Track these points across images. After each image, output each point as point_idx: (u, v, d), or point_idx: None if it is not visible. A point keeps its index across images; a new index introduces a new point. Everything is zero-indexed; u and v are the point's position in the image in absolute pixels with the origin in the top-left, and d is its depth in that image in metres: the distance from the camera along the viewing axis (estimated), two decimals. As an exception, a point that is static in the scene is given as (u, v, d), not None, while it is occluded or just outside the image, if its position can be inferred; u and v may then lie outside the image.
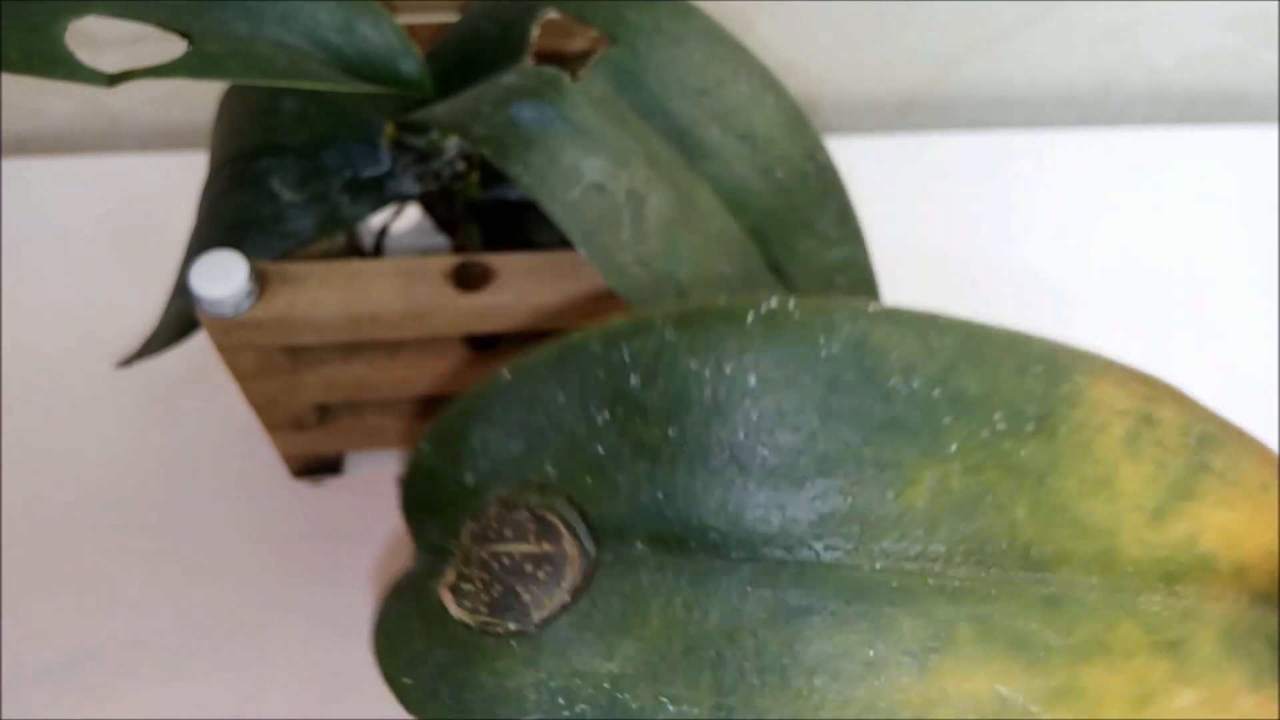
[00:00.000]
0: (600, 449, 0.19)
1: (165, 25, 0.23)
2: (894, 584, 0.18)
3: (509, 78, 0.26)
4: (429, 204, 0.32)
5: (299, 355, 0.29)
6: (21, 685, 0.34)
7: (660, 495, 0.19)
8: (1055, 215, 0.47)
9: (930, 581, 0.18)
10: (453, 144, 0.29)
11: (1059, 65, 0.51)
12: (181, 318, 0.30)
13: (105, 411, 0.40)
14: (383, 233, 0.34)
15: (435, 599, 0.20)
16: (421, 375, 0.30)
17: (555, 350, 0.20)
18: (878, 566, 0.18)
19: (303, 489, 0.38)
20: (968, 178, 0.48)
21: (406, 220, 0.34)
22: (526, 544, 0.19)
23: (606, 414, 0.19)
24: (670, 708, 0.18)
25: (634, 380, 0.19)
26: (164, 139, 0.50)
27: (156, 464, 0.39)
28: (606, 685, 0.18)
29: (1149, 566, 0.18)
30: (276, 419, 0.32)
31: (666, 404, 0.19)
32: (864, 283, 0.31)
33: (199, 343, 0.30)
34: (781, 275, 0.29)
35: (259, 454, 0.38)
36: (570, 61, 0.28)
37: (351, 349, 0.30)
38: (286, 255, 0.28)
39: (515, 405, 0.20)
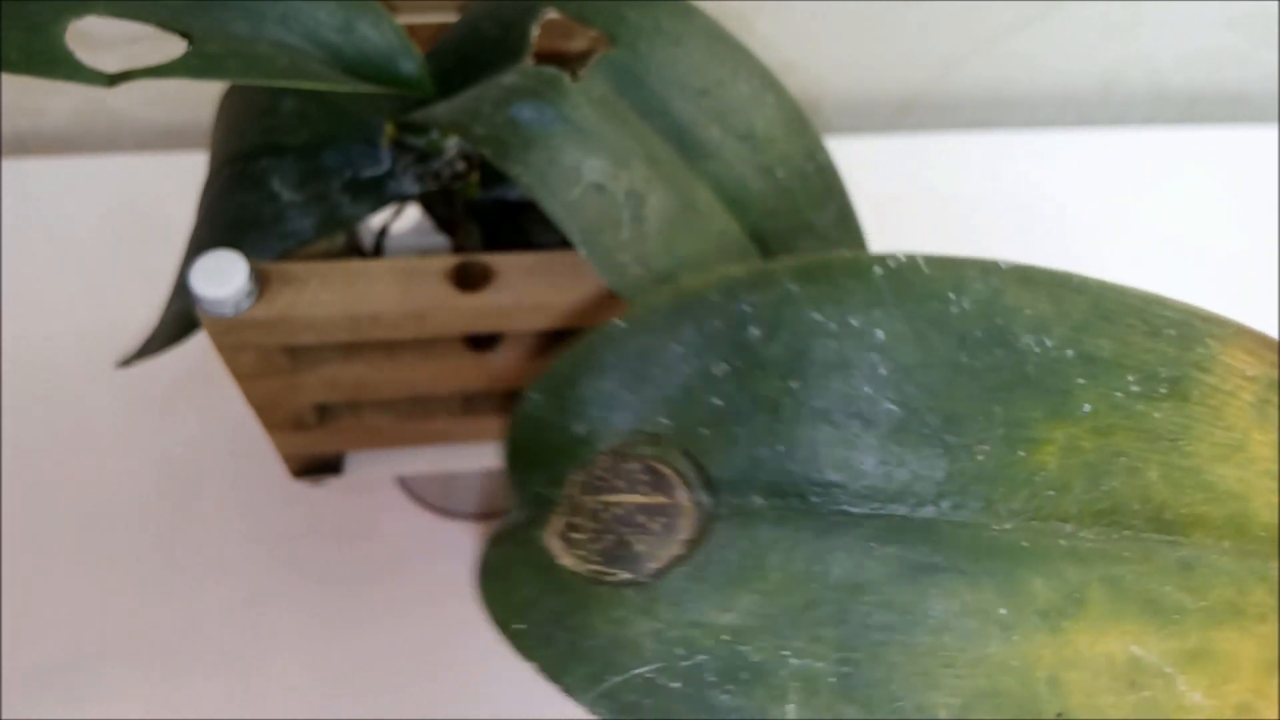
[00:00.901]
0: (717, 400, 0.19)
1: (165, 25, 0.23)
2: (1024, 544, 0.18)
3: (509, 78, 0.26)
4: (429, 204, 0.32)
5: (299, 355, 0.29)
6: (21, 685, 0.34)
7: (781, 448, 0.19)
8: (1055, 215, 0.47)
9: (1062, 542, 0.18)
10: (453, 144, 0.29)
11: (1059, 65, 0.51)
12: (181, 318, 0.29)
13: (105, 411, 0.40)
14: (383, 233, 0.34)
15: (543, 547, 0.20)
16: (421, 375, 0.30)
17: (671, 299, 0.19)
18: (1007, 526, 0.18)
19: (303, 489, 0.38)
20: (968, 178, 0.48)
21: (406, 220, 0.34)
22: (639, 495, 0.19)
23: (724, 365, 0.19)
24: (793, 661, 0.17)
25: (754, 332, 0.19)
26: (164, 139, 0.50)
27: (156, 464, 0.39)
28: (726, 637, 0.18)
29: None
30: (276, 419, 0.32)
31: (789, 356, 0.18)
32: (864, 283, 0.31)
33: (199, 343, 0.30)
34: (781, 275, 0.29)
35: (259, 454, 0.38)
36: (570, 61, 0.28)
37: (351, 349, 0.30)
38: (286, 255, 0.28)
39: (629, 355, 0.20)
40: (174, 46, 0.22)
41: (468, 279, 0.27)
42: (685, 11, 0.30)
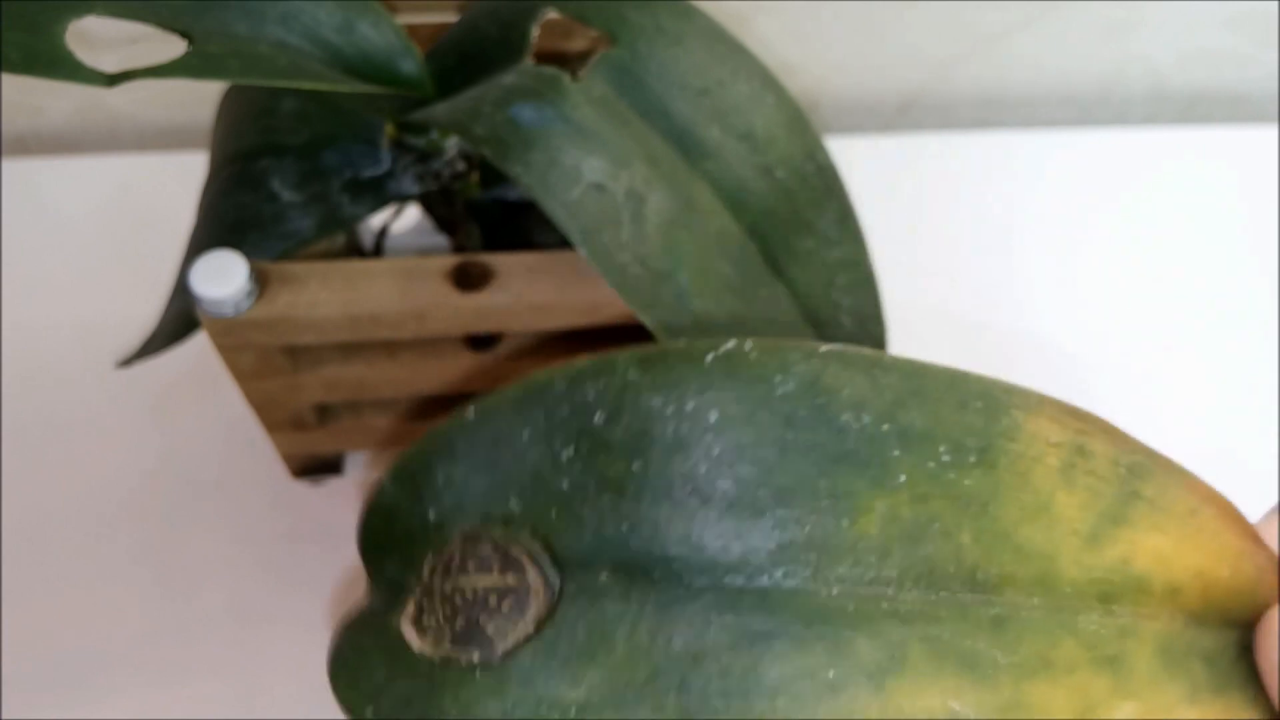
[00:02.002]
0: (565, 483, 0.20)
1: (165, 25, 0.23)
2: (850, 608, 0.19)
3: (509, 78, 0.26)
4: (429, 204, 0.32)
5: (299, 355, 0.29)
6: (21, 685, 0.34)
7: (624, 527, 0.19)
8: (1055, 215, 0.47)
9: (884, 605, 0.19)
10: (453, 144, 0.29)
11: (1059, 65, 0.51)
12: (181, 318, 0.30)
13: (105, 411, 0.40)
14: (383, 233, 0.34)
15: (396, 632, 0.20)
16: (421, 375, 0.30)
17: (520, 389, 0.20)
18: (834, 592, 0.19)
19: (303, 489, 0.38)
20: (968, 178, 0.48)
21: (406, 220, 0.34)
22: (490, 577, 0.20)
23: (571, 450, 0.20)
24: None
25: (598, 417, 0.20)
26: (164, 139, 0.50)
27: (156, 464, 0.39)
28: (573, 712, 0.18)
29: (1086, 587, 0.19)
30: (276, 419, 0.32)
31: (630, 440, 0.19)
32: (863, 282, 0.31)
33: (199, 343, 0.30)
34: (781, 275, 0.29)
35: (259, 454, 0.38)
36: (570, 61, 0.28)
37: (351, 349, 0.30)
38: (286, 255, 0.28)
39: (480, 442, 0.21)
40: (174, 46, 0.22)
41: (468, 279, 0.27)
42: (685, 11, 0.30)
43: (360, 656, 0.21)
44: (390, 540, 0.22)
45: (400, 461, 0.22)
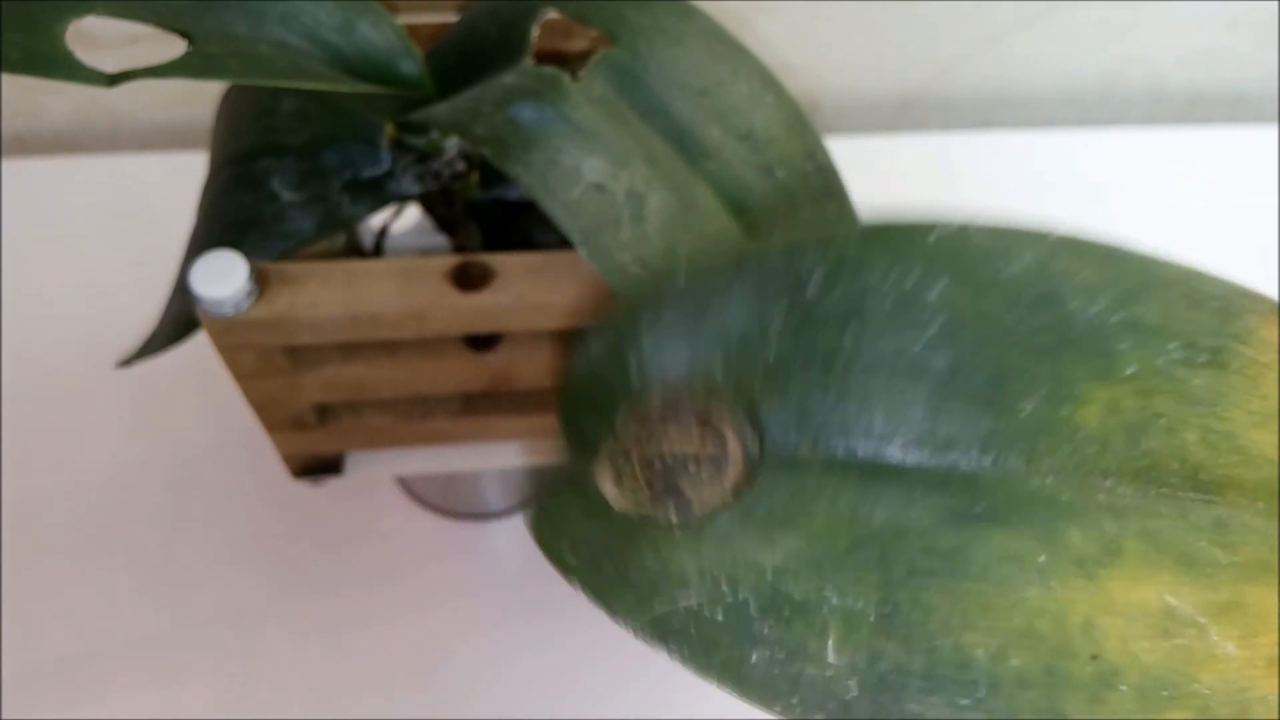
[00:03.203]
0: (772, 353, 0.20)
1: (165, 25, 0.23)
2: (1064, 497, 0.18)
3: (509, 78, 0.26)
4: (429, 204, 0.32)
5: (299, 355, 0.29)
6: (21, 685, 0.34)
7: (831, 400, 0.19)
8: (1055, 215, 0.47)
9: (1100, 497, 0.18)
10: (453, 144, 0.29)
11: (1059, 65, 0.51)
12: (181, 318, 0.29)
13: (105, 411, 0.40)
14: (383, 233, 0.34)
15: (594, 488, 0.20)
16: (421, 375, 0.30)
17: (732, 258, 0.20)
18: (1048, 480, 0.18)
19: (303, 489, 0.38)
20: (968, 178, 0.48)
21: (406, 220, 0.34)
22: (690, 442, 0.20)
23: (781, 320, 0.20)
24: (834, 599, 0.18)
25: (812, 290, 0.19)
26: (164, 139, 0.50)
27: (156, 464, 0.39)
28: (769, 575, 0.18)
29: None
30: (276, 419, 0.32)
31: (844, 312, 0.19)
32: (864, 283, 0.31)
33: (199, 343, 0.30)
34: (781, 275, 0.29)
35: (259, 454, 0.38)
36: (570, 61, 0.28)
37: (351, 349, 0.30)
38: (286, 255, 0.28)
39: (688, 307, 0.20)
40: (174, 46, 0.22)
41: (468, 279, 0.27)
42: (685, 11, 0.30)
43: (559, 508, 0.21)
44: (591, 400, 0.22)
45: (607, 324, 0.21)
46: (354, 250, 0.34)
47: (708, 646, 0.18)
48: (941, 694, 0.17)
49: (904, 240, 0.19)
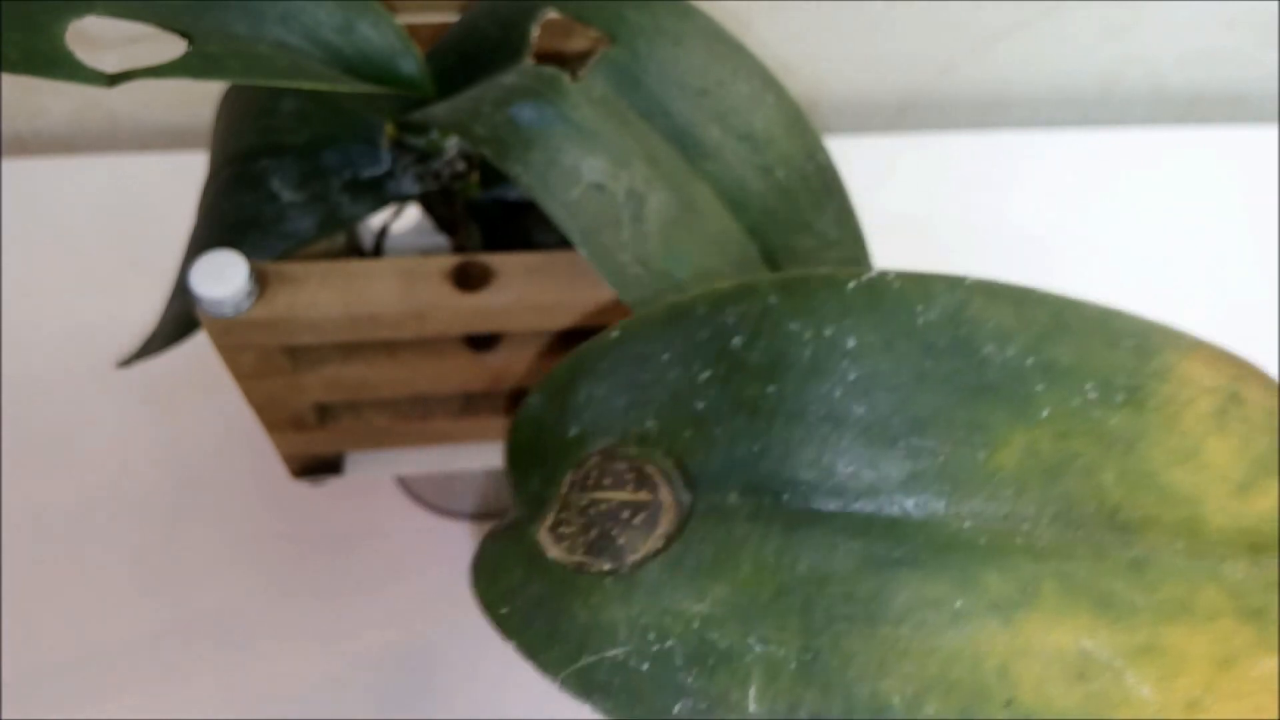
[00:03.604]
0: (701, 404, 0.20)
1: (165, 25, 0.23)
2: (982, 541, 0.18)
3: (509, 78, 0.26)
4: (429, 204, 0.32)
5: (299, 355, 0.29)
6: (21, 685, 0.34)
7: (757, 448, 0.20)
8: (1055, 215, 0.47)
9: (1018, 540, 0.18)
10: (453, 144, 0.29)
11: (1059, 65, 0.51)
12: (181, 318, 0.29)
13: (105, 411, 0.40)
14: (383, 233, 0.34)
15: (533, 540, 0.21)
16: (421, 375, 0.30)
17: (662, 312, 0.21)
18: (966, 525, 0.19)
19: (303, 489, 0.38)
20: (968, 178, 0.48)
21: (406, 220, 0.34)
22: (624, 492, 0.20)
23: (709, 372, 0.20)
24: (757, 648, 0.18)
25: (737, 340, 0.20)
26: (164, 139, 0.50)
27: (156, 464, 0.39)
28: (696, 625, 0.18)
29: (1234, 536, 0.18)
30: (276, 419, 0.32)
31: (768, 363, 0.20)
32: (864, 283, 0.31)
33: (199, 343, 0.30)
34: (781, 275, 0.29)
35: (259, 454, 0.38)
36: (570, 61, 0.28)
37: (351, 349, 0.30)
38: (286, 255, 0.28)
39: (622, 361, 0.21)
40: (174, 46, 0.22)
41: (468, 279, 0.27)
42: (685, 11, 0.30)
43: (499, 560, 0.21)
44: (535, 454, 0.22)
45: (548, 377, 0.22)
46: (354, 250, 0.34)
47: (632, 698, 0.18)
48: None
49: (822, 290, 0.19)
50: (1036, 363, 0.19)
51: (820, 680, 0.18)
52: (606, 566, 0.20)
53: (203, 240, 0.29)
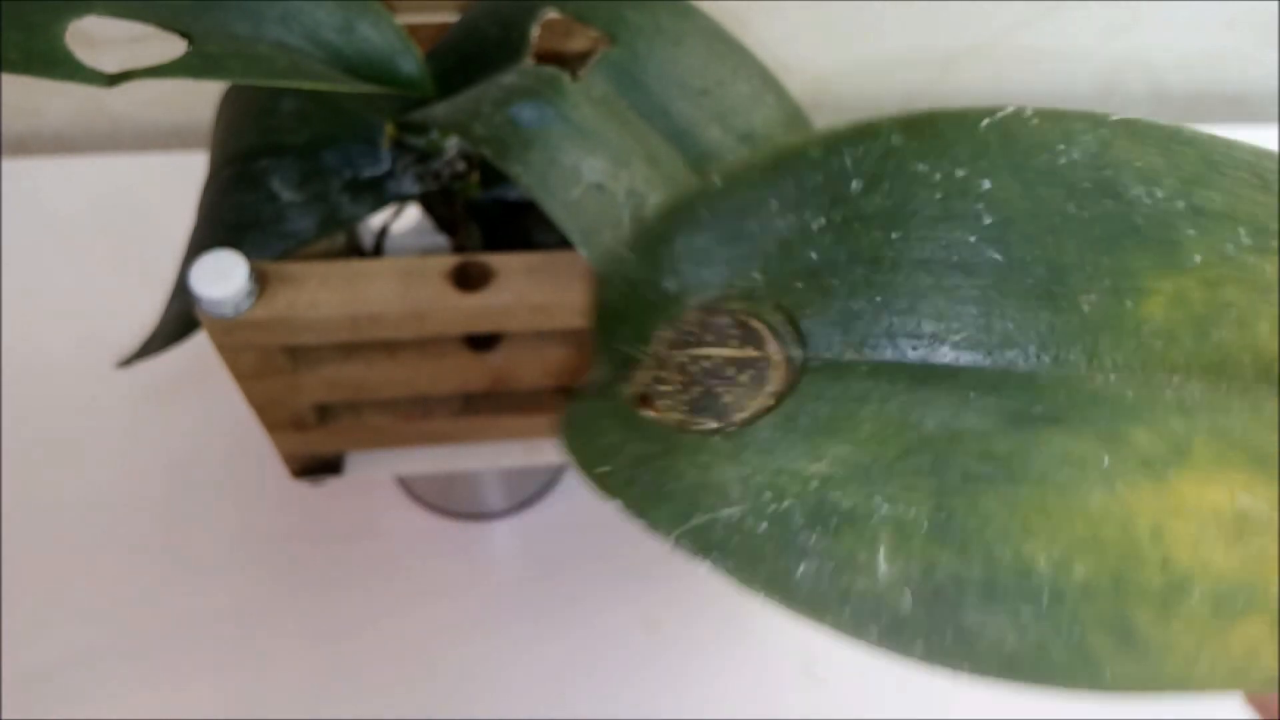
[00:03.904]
0: (813, 254, 0.19)
1: (165, 25, 0.23)
2: (1129, 395, 0.17)
3: (509, 78, 0.26)
4: (429, 204, 0.32)
5: (299, 355, 0.29)
6: (21, 685, 0.34)
7: (878, 300, 0.18)
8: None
9: (1168, 394, 0.17)
10: (453, 144, 0.29)
11: (1059, 65, 0.51)
12: (181, 318, 0.29)
13: (105, 411, 0.40)
14: (383, 233, 0.34)
15: (628, 400, 0.19)
16: (421, 375, 0.30)
17: (771, 155, 0.19)
18: (1112, 377, 0.18)
19: (303, 489, 0.38)
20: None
21: (406, 220, 0.34)
22: (728, 348, 0.19)
23: (823, 219, 0.19)
24: (885, 508, 0.17)
25: (855, 185, 0.18)
26: (164, 139, 0.50)
27: (156, 464, 0.39)
28: (815, 485, 0.17)
29: None
30: (276, 419, 0.32)
31: (890, 208, 0.18)
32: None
33: (199, 343, 0.30)
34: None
35: (259, 454, 0.38)
36: (570, 61, 0.28)
37: (351, 349, 0.30)
38: (286, 255, 0.28)
39: (724, 212, 0.20)
40: (174, 46, 0.22)
41: (468, 279, 0.27)
42: (685, 11, 0.30)
43: (591, 419, 0.20)
44: (625, 311, 0.21)
45: (642, 230, 0.21)
46: (354, 250, 0.34)
47: (752, 559, 0.17)
48: (1002, 604, 0.16)
49: (953, 129, 0.18)
50: (1187, 206, 0.17)
51: (957, 541, 0.16)
52: (712, 425, 0.18)
53: (203, 240, 0.29)
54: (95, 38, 0.39)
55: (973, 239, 0.18)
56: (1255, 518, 0.16)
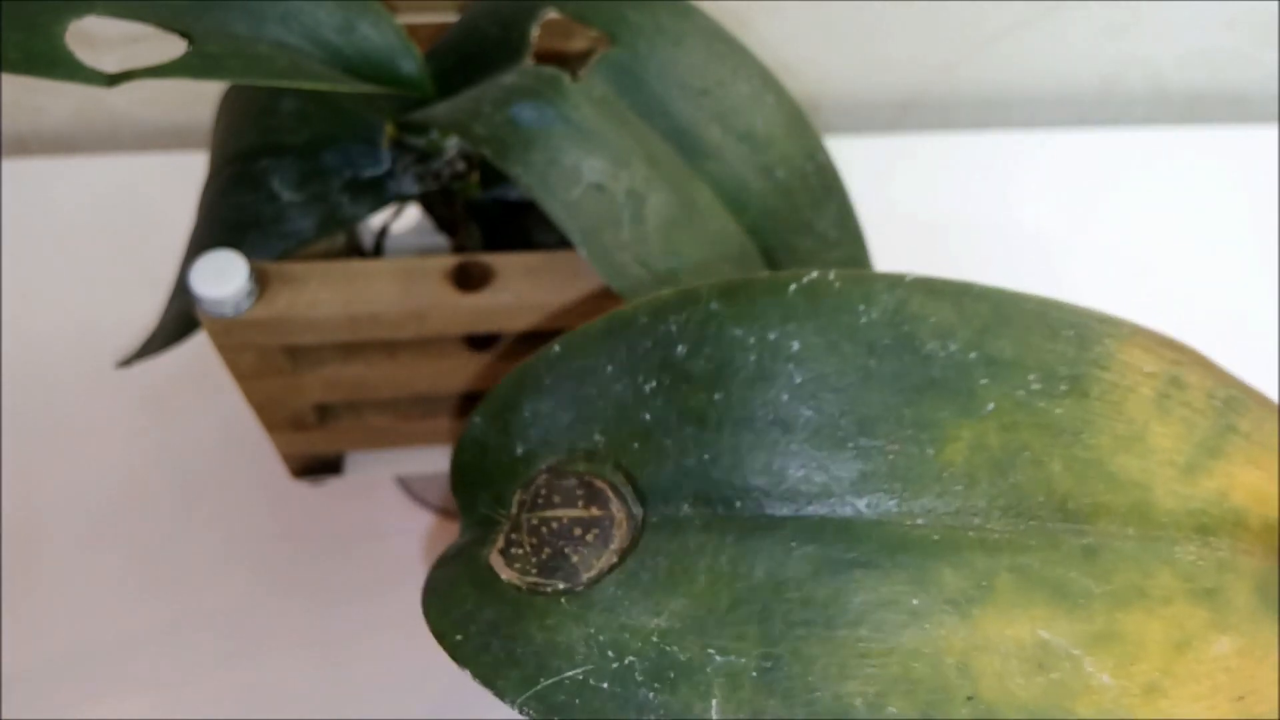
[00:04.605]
0: (647, 415, 0.20)
1: (165, 25, 0.23)
2: (935, 538, 0.18)
3: (509, 78, 0.26)
4: (429, 204, 0.32)
5: (299, 355, 0.29)
6: (21, 685, 0.34)
7: (706, 457, 0.20)
8: (1055, 215, 0.47)
9: (971, 534, 0.18)
10: (453, 144, 0.29)
11: (1059, 65, 0.51)
12: (181, 318, 0.29)
13: (105, 411, 0.40)
14: (383, 233, 0.34)
15: (485, 564, 0.20)
16: (421, 375, 0.30)
17: (604, 323, 0.20)
18: (919, 522, 0.19)
19: (303, 489, 0.38)
20: (968, 178, 0.48)
21: (406, 220, 0.34)
22: (575, 509, 0.20)
23: (654, 382, 0.20)
24: (718, 658, 0.18)
25: (680, 349, 0.20)
26: (164, 139, 0.50)
27: (156, 464, 0.39)
28: (655, 639, 0.18)
29: (1183, 518, 0.19)
30: (276, 419, 0.32)
31: (712, 370, 0.19)
32: (864, 283, 0.31)
33: (199, 343, 0.30)
34: (781, 275, 0.29)
35: (259, 454, 0.38)
36: (570, 61, 0.28)
37: (351, 349, 0.30)
38: (286, 255, 0.28)
39: (565, 376, 0.21)
40: (174, 46, 0.22)
41: (468, 279, 0.27)
42: (685, 11, 0.30)
43: (451, 587, 0.21)
44: (481, 476, 0.22)
45: (490, 397, 0.22)
46: (354, 250, 0.34)
47: (593, 717, 0.18)
48: None
49: (765, 294, 0.19)
50: (979, 357, 0.19)
51: (782, 687, 0.18)
52: (561, 586, 0.19)
53: (203, 240, 0.29)
54: (95, 38, 0.39)
55: (786, 397, 0.19)
56: (1054, 650, 0.17)
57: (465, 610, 0.20)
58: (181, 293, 0.30)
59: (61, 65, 0.20)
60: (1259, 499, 0.19)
